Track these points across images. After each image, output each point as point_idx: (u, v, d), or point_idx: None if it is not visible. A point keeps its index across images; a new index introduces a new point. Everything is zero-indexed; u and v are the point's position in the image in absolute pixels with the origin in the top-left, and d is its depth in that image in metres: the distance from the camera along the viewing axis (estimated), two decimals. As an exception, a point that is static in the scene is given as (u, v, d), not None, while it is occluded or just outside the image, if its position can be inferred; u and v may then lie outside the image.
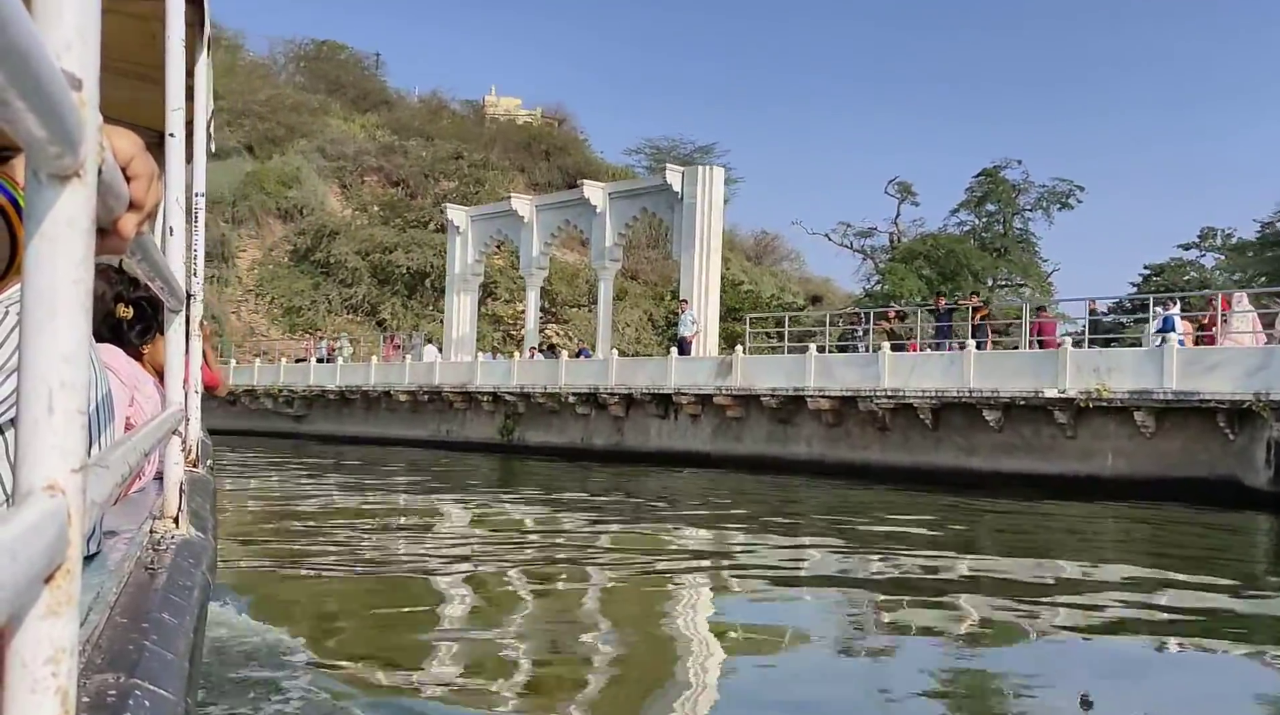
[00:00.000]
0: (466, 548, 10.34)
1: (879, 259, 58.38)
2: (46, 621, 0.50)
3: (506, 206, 29.43)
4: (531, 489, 17.25)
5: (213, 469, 4.27)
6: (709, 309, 24.99)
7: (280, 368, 33.59)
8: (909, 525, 12.69)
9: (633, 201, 26.61)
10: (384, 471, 20.24)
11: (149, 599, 1.47)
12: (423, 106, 62.60)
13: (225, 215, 52.20)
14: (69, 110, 0.49)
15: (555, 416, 26.17)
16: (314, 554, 9.12)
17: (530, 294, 29.42)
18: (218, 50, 61.85)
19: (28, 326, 0.51)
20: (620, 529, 11.83)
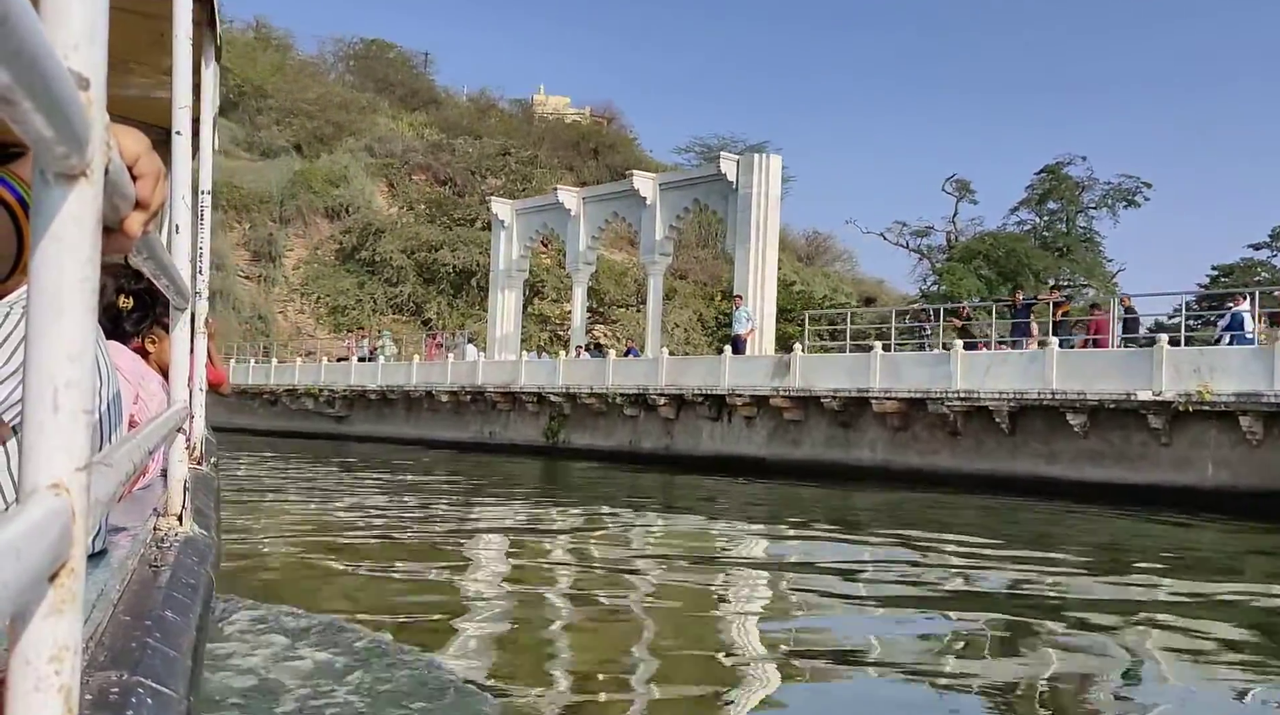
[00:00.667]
0: (504, 568, 9.11)
1: (935, 259, 56.48)
2: (50, 620, 0.50)
3: (553, 199, 28.12)
4: (576, 495, 15.93)
5: (217, 466, 4.14)
6: (764, 305, 23.51)
7: (321, 367, 32.60)
8: (983, 537, 11.26)
9: (684, 192, 25.17)
10: (424, 475, 19.03)
11: (152, 597, 1.47)
12: (471, 105, 61.69)
13: (273, 214, 51.59)
14: (76, 110, 0.49)
15: (602, 418, 24.85)
16: (344, 574, 8.00)
17: (577, 291, 28.10)
18: (268, 50, 61.55)
19: (34, 325, 0.51)
20: (670, 542, 10.49)
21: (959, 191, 55.63)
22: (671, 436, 23.48)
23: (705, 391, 22.27)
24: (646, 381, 23.48)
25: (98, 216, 0.54)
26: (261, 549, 9.08)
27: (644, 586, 7.70)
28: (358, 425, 31.45)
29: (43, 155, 0.50)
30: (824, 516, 13.70)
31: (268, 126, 55.58)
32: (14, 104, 0.43)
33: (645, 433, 23.98)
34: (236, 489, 14.68)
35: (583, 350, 26.84)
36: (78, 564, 0.52)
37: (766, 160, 23.21)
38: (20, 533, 0.44)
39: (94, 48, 0.51)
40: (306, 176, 51.76)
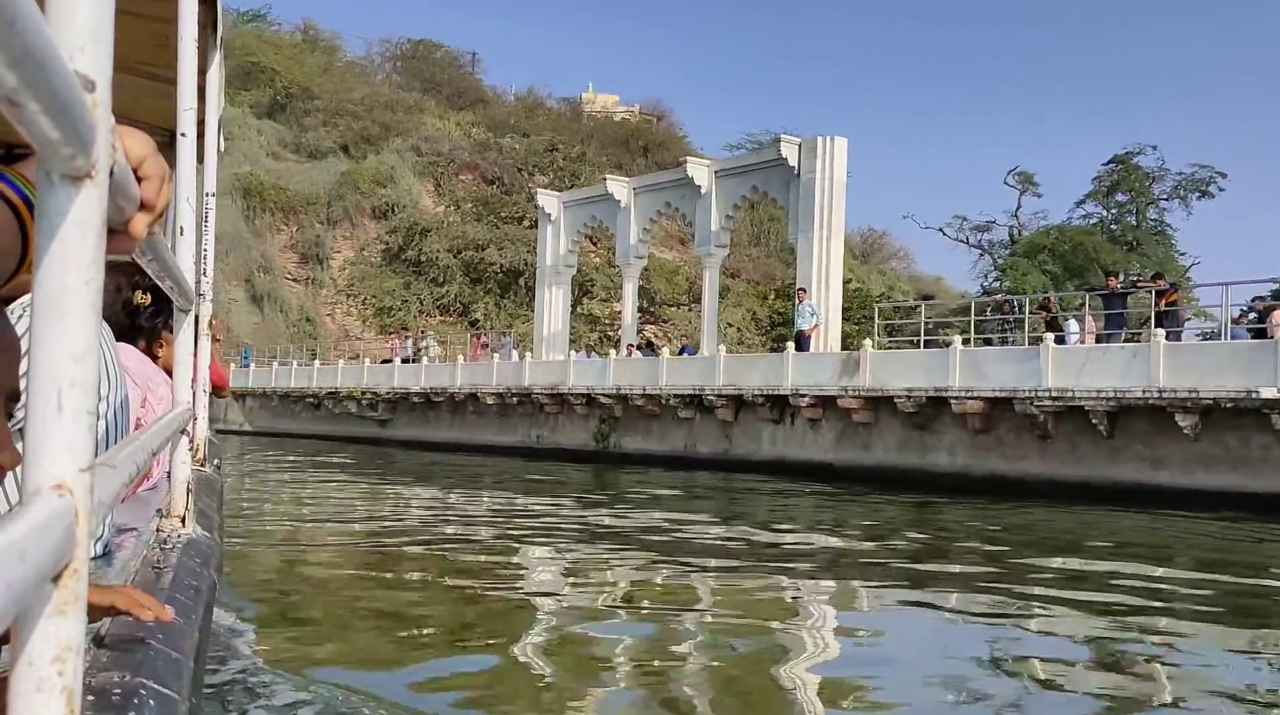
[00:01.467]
0: (553, 587, 7.80)
1: (997, 254, 54.17)
2: (53, 620, 0.50)
3: (602, 190, 26.53)
4: (628, 504, 14.33)
5: (219, 468, 4.05)
6: (829, 299, 21.74)
7: (364, 368, 31.31)
8: (1084, 555, 9.62)
9: (742, 179, 23.43)
10: (470, 482, 17.54)
11: (155, 598, 1.39)
12: (519, 104, 60.42)
13: (320, 216, 50.66)
14: (82, 112, 0.50)
15: (655, 421, 23.22)
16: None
17: (627, 286, 26.49)
18: (315, 52, 60.84)
19: (38, 326, 0.51)
20: (730, 561, 8.87)
21: (1022, 184, 53.27)
22: (730, 440, 21.80)
23: (766, 392, 20.56)
24: (703, 381, 21.82)
25: (102, 218, 0.54)
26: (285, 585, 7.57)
27: (709, 648, 6.09)
28: (401, 429, 30.12)
29: (48, 157, 0.50)
30: (906, 526, 11.97)
31: (315, 128, 54.74)
32: (20, 106, 0.43)
33: (701, 436, 22.32)
34: (261, 497, 13.31)
35: (634, 349, 25.20)
36: (81, 565, 0.52)
37: (831, 144, 21.42)
38: (24, 533, 0.44)
39: (100, 50, 0.51)
40: (353, 177, 50.77)
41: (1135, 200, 50.92)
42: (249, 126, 54.47)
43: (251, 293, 48.92)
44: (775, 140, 21.62)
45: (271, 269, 49.46)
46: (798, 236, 21.87)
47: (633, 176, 50.21)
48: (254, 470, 20.29)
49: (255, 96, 55.68)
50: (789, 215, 22.18)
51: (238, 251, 48.73)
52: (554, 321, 28.26)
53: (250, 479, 17.87)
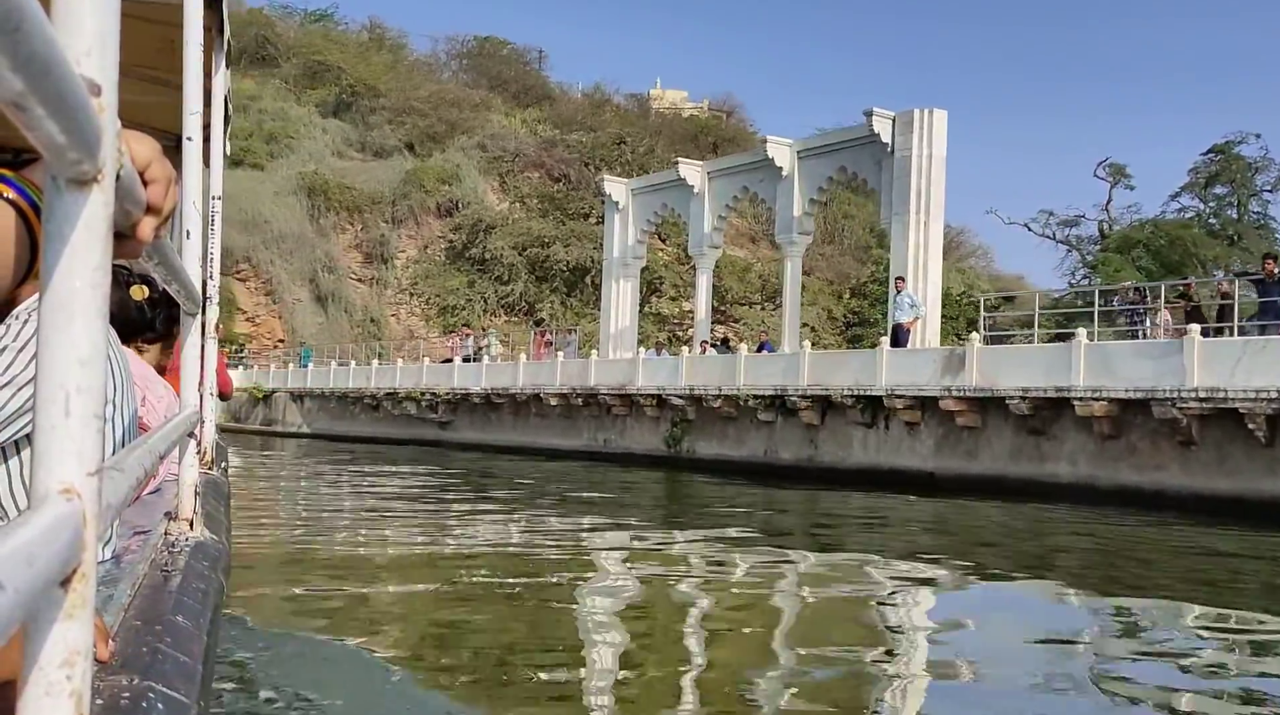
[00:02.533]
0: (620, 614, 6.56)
1: (1086, 251, 51.10)
2: (61, 625, 0.50)
3: (673, 175, 24.45)
4: (701, 518, 12.28)
5: (226, 471, 3.88)
6: (929, 288, 19.44)
7: (423, 368, 29.63)
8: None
9: (828, 159, 21.19)
10: (532, 489, 15.64)
11: (163, 601, 1.45)
12: (585, 100, 58.67)
13: (385, 215, 49.39)
14: (88, 116, 0.49)
15: (732, 424, 21.12)
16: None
17: (701, 278, 24.39)
18: (381, 50, 59.76)
19: (45, 331, 0.51)
20: (826, 589, 6.84)
21: (1113, 177, 50.15)
22: (815, 445, 19.62)
23: (857, 392, 18.36)
24: (785, 381, 19.68)
25: (109, 222, 0.54)
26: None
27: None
28: (461, 431, 28.38)
29: (55, 161, 0.50)
30: (1024, 549, 9.76)
31: (380, 126, 53.54)
32: (26, 110, 0.43)
33: (783, 441, 20.16)
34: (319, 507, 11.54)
35: (708, 346, 23.10)
36: (89, 569, 0.51)
37: (929, 117, 19.12)
38: (32, 538, 0.43)
39: (106, 54, 0.51)
40: (418, 175, 49.40)
41: (1236, 192, 47.59)
42: (314, 125, 53.52)
43: (316, 293, 47.79)
44: (868, 114, 19.36)
45: (336, 269, 48.28)
46: (891, 220, 19.60)
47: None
48: (302, 476, 18.62)
49: (321, 95, 54.71)
50: (880, 198, 19.91)
51: (302, 251, 47.64)
52: (621, 317, 26.25)
53: (298, 483, 16.19)
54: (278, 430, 35.17)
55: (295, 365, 37.45)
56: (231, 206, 47.45)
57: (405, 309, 48.19)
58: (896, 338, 18.55)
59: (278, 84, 54.99)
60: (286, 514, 12.74)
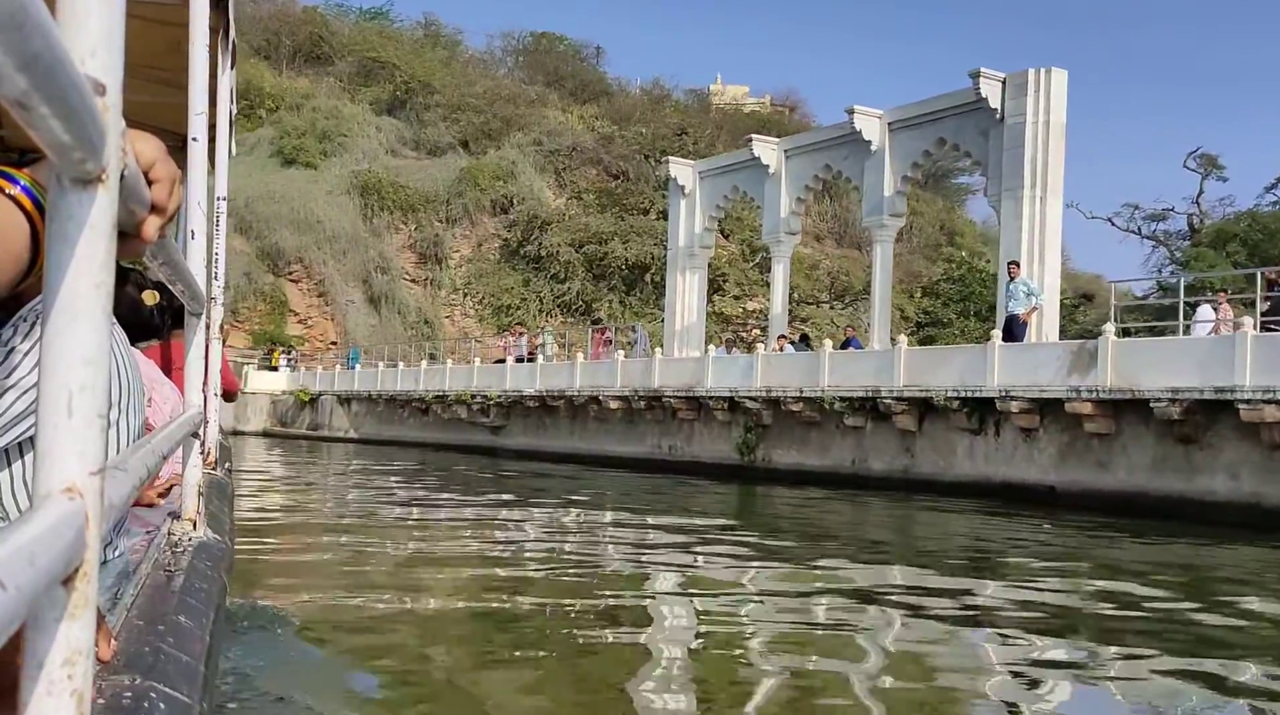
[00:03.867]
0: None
1: (1174, 246, 47.63)
2: (63, 624, 0.49)
3: (746, 155, 21.93)
4: (781, 542, 9.83)
5: (230, 471, 3.90)
6: (1046, 275, 16.74)
7: (474, 370, 27.43)
8: None
9: (924, 131, 18.53)
10: (590, 504, 13.31)
11: (166, 601, 1.44)
12: (644, 96, 56.31)
13: (439, 214, 47.52)
14: (93, 115, 0.49)
15: (813, 430, 18.62)
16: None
17: (777, 268, 21.84)
18: (436, 47, 58.04)
19: (49, 330, 0.51)
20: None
21: (1205, 168, 46.66)
22: (912, 454, 17.04)
23: (964, 393, 15.77)
24: (877, 381, 17.14)
25: (113, 222, 0.53)
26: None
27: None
28: (514, 437, 26.15)
29: (59, 160, 0.49)
30: (1181, 585, 7.21)
31: (434, 123, 51.71)
32: (31, 109, 0.42)
33: (874, 449, 17.61)
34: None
35: (785, 342, 20.60)
36: (91, 568, 0.51)
37: (1045, 78, 16.41)
38: (34, 537, 0.43)
39: (111, 54, 0.51)
40: (473, 173, 47.45)
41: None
42: (367, 124, 51.86)
43: (369, 294, 46.04)
44: (975, 75, 16.68)
45: (389, 269, 46.49)
46: (1001, 197, 16.92)
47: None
48: (348, 487, 16.47)
49: (375, 93, 53.08)
50: (990, 171, 17.23)
51: (355, 251, 45.93)
52: (687, 313, 23.78)
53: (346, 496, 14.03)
54: (324, 435, 33.27)
55: (343, 367, 35.55)
56: (284, 206, 46.06)
57: (459, 310, 46.26)
58: (1010, 331, 15.91)
59: (331, 82, 53.51)
60: (330, 527, 10.72)
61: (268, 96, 51.70)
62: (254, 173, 47.83)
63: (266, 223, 44.81)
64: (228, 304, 29.03)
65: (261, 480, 16.60)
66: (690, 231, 23.59)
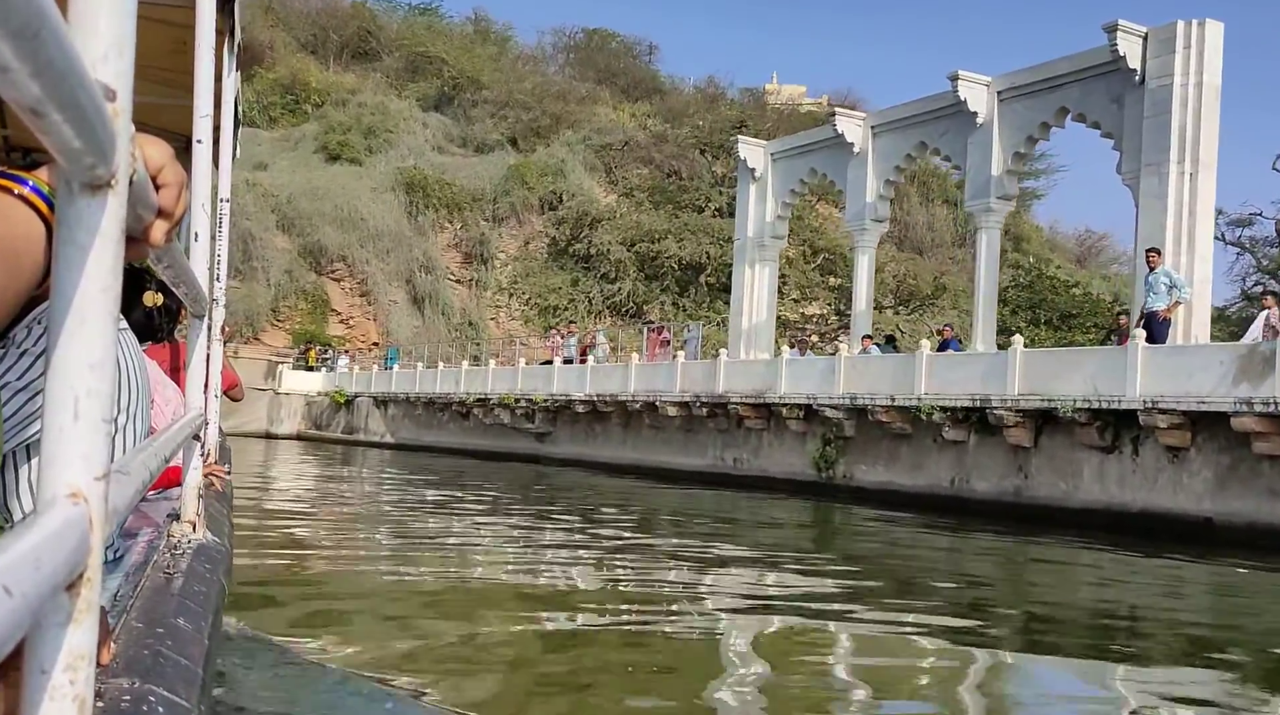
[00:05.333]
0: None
1: (1263, 253, 44.22)
2: (66, 629, 0.49)
3: (828, 133, 19.24)
4: (869, 574, 7.40)
5: (230, 472, 3.78)
6: (1196, 265, 13.99)
7: (519, 371, 25.05)
8: None
9: (1044, 99, 15.70)
10: (643, 523, 10.87)
11: (165, 604, 1.42)
12: (697, 94, 53.86)
13: (485, 213, 45.35)
14: (103, 121, 0.49)
15: (905, 443, 16.03)
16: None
17: (862, 259, 19.16)
18: (486, 43, 56.06)
19: (55, 334, 0.50)
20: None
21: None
22: (1026, 475, 14.39)
23: (1094, 404, 13.13)
24: (986, 388, 14.52)
25: (121, 227, 0.53)
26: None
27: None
28: (561, 445, 23.75)
29: (70, 166, 0.49)
30: None
31: (482, 119, 49.64)
32: (43, 116, 0.42)
33: (979, 467, 14.99)
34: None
35: (870, 343, 17.99)
36: (94, 573, 0.50)
37: (1199, 31, 13.69)
38: (39, 542, 0.43)
39: (121, 60, 0.50)
40: (521, 171, 45.24)
41: None
42: (414, 119, 49.93)
43: (412, 294, 43.98)
44: (1111, 29, 13.95)
45: (434, 269, 44.38)
46: (1140, 173, 14.16)
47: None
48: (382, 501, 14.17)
49: (422, 89, 51.19)
50: (1124, 143, 14.50)
51: (399, 250, 43.89)
52: (756, 310, 21.20)
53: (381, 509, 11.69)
54: (359, 439, 31.09)
55: (381, 366, 33.37)
56: (327, 203, 44.13)
57: (505, 312, 44.06)
58: (1151, 331, 13.22)
59: (378, 78, 51.71)
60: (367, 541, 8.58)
61: (314, 91, 50.03)
62: (297, 169, 46.11)
63: (309, 220, 42.93)
64: (268, 302, 26.62)
65: (287, 499, 14.34)
66: (760, 219, 21.00)
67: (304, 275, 42.44)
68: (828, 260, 37.88)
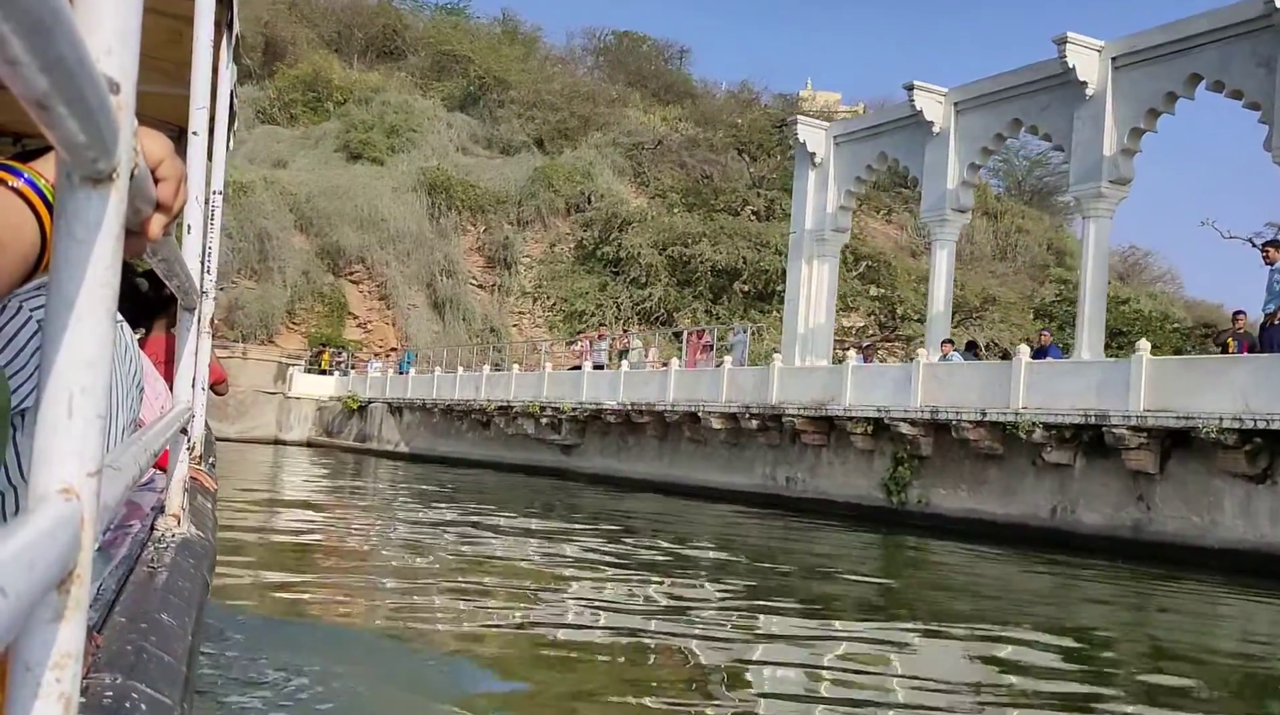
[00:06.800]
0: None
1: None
2: (54, 626, 0.48)
3: (905, 111, 16.67)
4: (948, 630, 5.10)
5: (214, 466, 3.84)
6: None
7: (544, 377, 22.75)
8: None
9: (1169, 65, 13.19)
10: (682, 555, 8.55)
11: (149, 599, 1.37)
12: (730, 99, 51.73)
13: (510, 216, 43.22)
14: (107, 114, 0.48)
15: (995, 465, 13.64)
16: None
17: (940, 254, 16.71)
18: (514, 43, 54.11)
19: (52, 330, 0.49)
20: None
21: (1363, 181, 40.48)
22: (1148, 506, 11.98)
23: (1245, 424, 10.71)
24: (1101, 403, 12.12)
25: (121, 221, 0.52)
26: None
27: None
28: (589, 458, 21.42)
29: (72, 159, 0.48)
30: None
31: (508, 120, 47.58)
32: (49, 109, 0.42)
33: (1088, 495, 12.58)
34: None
35: (950, 349, 15.57)
36: (84, 570, 0.49)
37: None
38: (31, 541, 0.42)
39: (126, 52, 0.49)
40: (547, 173, 43.11)
41: None
42: (438, 119, 47.92)
43: (433, 298, 41.83)
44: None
45: (455, 272, 42.23)
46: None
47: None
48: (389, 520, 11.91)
49: (447, 88, 49.22)
50: (1272, 116, 12.08)
51: (420, 252, 41.77)
52: (814, 312, 18.77)
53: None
54: (372, 447, 28.84)
55: (395, 370, 31.15)
56: (347, 203, 42.05)
57: (528, 319, 41.85)
58: (1262, 336, 10.80)
59: (403, 76, 49.81)
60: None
61: (336, 89, 48.16)
62: (317, 167, 44.17)
63: (328, 219, 40.91)
64: (284, 304, 24.32)
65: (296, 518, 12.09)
66: (820, 210, 18.59)
67: (321, 277, 40.44)
68: (870, 268, 35.46)
